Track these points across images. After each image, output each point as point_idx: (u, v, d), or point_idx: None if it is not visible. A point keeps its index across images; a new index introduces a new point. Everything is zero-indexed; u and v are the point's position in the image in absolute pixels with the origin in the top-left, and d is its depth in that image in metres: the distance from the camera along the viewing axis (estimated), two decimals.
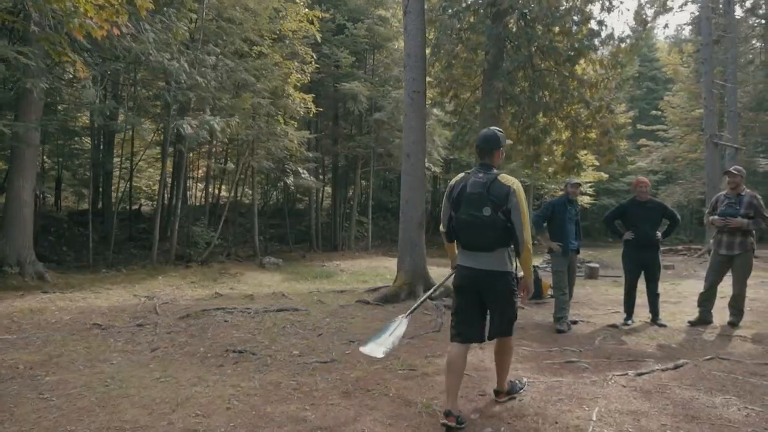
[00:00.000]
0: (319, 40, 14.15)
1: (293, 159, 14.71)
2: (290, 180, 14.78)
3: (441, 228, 3.71)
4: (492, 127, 3.78)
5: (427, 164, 18.09)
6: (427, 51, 9.67)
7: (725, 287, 7.01)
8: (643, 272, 6.94)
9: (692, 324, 6.76)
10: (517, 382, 4.08)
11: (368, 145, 17.79)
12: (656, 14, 16.19)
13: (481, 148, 3.60)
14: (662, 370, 4.69)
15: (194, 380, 4.42)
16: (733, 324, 6.66)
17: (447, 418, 3.35)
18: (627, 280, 7.05)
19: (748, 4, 25.32)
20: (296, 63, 13.62)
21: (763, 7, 26.56)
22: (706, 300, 6.86)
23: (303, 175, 14.73)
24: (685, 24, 24.50)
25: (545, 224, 6.98)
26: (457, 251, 3.69)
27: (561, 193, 7.65)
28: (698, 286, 11.51)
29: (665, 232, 6.92)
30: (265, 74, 12.38)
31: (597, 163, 17.21)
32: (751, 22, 26.63)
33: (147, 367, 4.87)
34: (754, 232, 6.63)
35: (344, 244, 19.33)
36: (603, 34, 9.53)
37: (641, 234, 6.79)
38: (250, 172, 16.27)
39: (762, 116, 24.69)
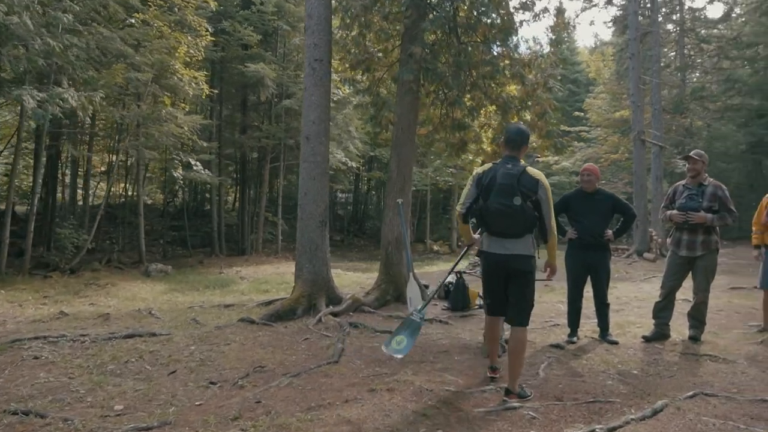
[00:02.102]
0: (214, 7, 12.23)
1: (184, 149, 12.67)
2: (178, 173, 12.64)
3: (458, 208, 3.99)
4: (521, 124, 4.18)
5: (342, 158, 16.53)
6: (335, 23, 8.11)
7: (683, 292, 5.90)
8: (589, 277, 5.69)
9: (647, 339, 5.56)
10: (525, 388, 3.93)
11: (277, 137, 15.78)
12: (582, 9, 15.40)
13: (513, 140, 3.84)
14: (639, 420, 3.32)
15: None
16: (695, 339, 5.51)
17: (494, 372, 4.20)
18: (571, 288, 5.75)
19: (665, 10, 25.71)
20: (189, 37, 11.62)
21: (678, 13, 27.15)
22: (663, 310, 5.69)
23: (195, 168, 12.67)
24: (609, 21, 24.31)
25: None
26: (479, 237, 4.02)
27: None
28: (635, 289, 10.79)
29: (618, 230, 5.69)
30: (147, 45, 10.36)
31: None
32: (668, 28, 27.12)
33: None
34: (718, 229, 5.52)
35: (252, 248, 17.33)
36: (536, 8, 8.34)
37: (587, 231, 5.52)
38: (142, 166, 13.98)
39: (678, 118, 24.98)
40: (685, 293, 5.88)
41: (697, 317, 5.59)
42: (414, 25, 7.23)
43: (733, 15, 25.87)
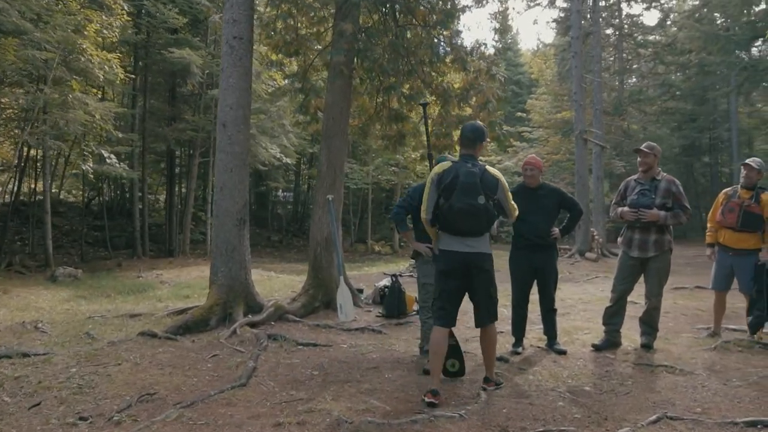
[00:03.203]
0: None
1: (96, 140, 11.43)
2: (87, 166, 11.36)
3: (423, 216, 3.85)
4: (477, 122, 4.11)
5: (277, 153, 15.60)
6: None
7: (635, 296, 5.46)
8: (535, 281, 5.15)
9: (598, 348, 5.06)
10: (499, 376, 4.09)
11: (206, 129, 14.57)
12: (526, 8, 15.16)
13: (468, 138, 3.84)
14: None
15: None
16: (647, 346, 5.06)
17: (434, 397, 3.54)
18: (516, 293, 5.17)
19: (605, 14, 26.09)
20: (103, 16, 10.44)
21: (617, 18, 27.65)
22: (614, 316, 5.21)
23: (109, 161, 11.46)
24: (552, 21, 24.41)
25: (410, 219, 4.96)
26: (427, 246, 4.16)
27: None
28: (580, 290, 10.45)
29: (565, 227, 5.20)
30: (49, 21, 9.17)
31: None
32: (608, 32, 27.58)
33: None
34: (671, 227, 5.08)
35: (180, 250, 16.10)
36: None
37: (532, 230, 4.96)
38: (48, 158, 12.57)
39: (617, 120, 25.39)
40: (634, 295, 5.43)
41: (650, 323, 5.14)
42: (346, 1, 6.52)
43: (668, 22, 26.57)
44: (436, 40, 7.40)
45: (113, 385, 4.08)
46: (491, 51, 7.52)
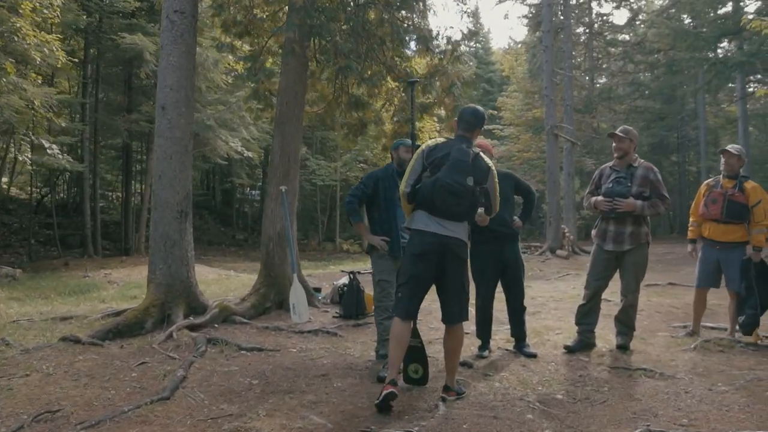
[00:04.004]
0: None
1: (36, 128, 10.61)
2: (24, 157, 10.52)
3: (402, 188, 3.44)
4: (476, 106, 3.68)
5: (239, 147, 14.92)
6: None
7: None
8: (501, 277, 4.67)
9: (570, 350, 4.63)
10: (462, 384, 3.64)
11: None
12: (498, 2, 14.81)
13: (467, 122, 3.53)
14: None
15: None
16: (624, 347, 4.65)
17: (393, 387, 3.18)
18: (481, 290, 4.69)
19: (575, 12, 26.01)
20: None
21: (588, 17, 27.65)
22: (588, 315, 4.79)
23: (50, 151, 10.65)
24: (523, 16, 24.25)
25: (367, 210, 4.49)
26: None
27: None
28: (551, 288, 10.08)
29: (524, 213, 4.82)
30: None
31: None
32: (578, 31, 27.54)
33: None
34: (649, 218, 4.69)
35: (135, 248, 15.27)
36: None
37: (494, 219, 4.40)
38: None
39: (588, 118, 25.34)
40: (607, 292, 5.03)
41: (626, 322, 4.73)
42: None
43: (637, 22, 26.67)
44: (399, 21, 6.91)
45: (12, 401, 3.48)
46: (458, 35, 7.00)
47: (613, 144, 4.77)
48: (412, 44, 7.01)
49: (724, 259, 4.94)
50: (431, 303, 4.08)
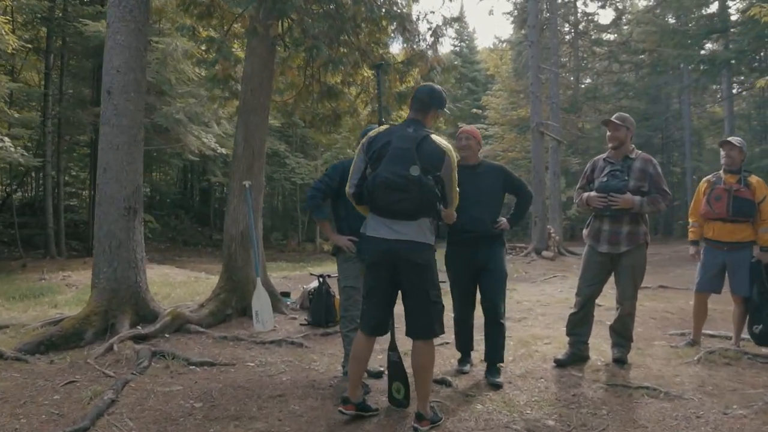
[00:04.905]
0: None
1: None
2: None
3: (347, 189, 3.11)
4: (434, 85, 3.28)
5: (212, 142, 14.24)
6: None
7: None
8: (479, 282, 3.98)
9: (561, 364, 4.12)
10: (437, 408, 3.12)
11: None
12: None
13: (421, 101, 3.08)
14: None
15: None
16: (621, 361, 4.16)
17: (345, 407, 3.06)
18: (459, 299, 4.10)
19: (561, 11, 25.72)
20: None
21: (573, 16, 27.40)
22: (580, 325, 4.28)
23: (2, 145, 9.89)
24: (508, 12, 23.92)
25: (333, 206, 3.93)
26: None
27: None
28: (537, 291, 9.57)
29: (514, 215, 4.13)
30: None
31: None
32: (564, 29, 27.28)
33: None
34: (647, 217, 4.21)
35: None
36: None
37: (472, 219, 3.78)
38: None
39: (573, 117, 25.07)
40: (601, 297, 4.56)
41: (623, 333, 4.25)
42: None
43: (623, 21, 26.48)
44: (376, 4, 6.37)
45: None
46: (439, 19, 6.48)
47: (608, 133, 4.28)
48: (390, 29, 6.45)
49: (731, 261, 4.48)
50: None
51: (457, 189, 3.11)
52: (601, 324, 4.93)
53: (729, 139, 4.71)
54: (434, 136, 3.00)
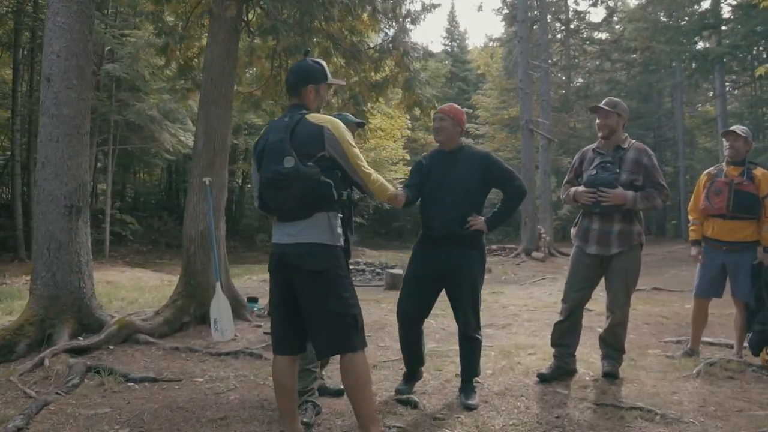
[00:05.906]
0: None
1: None
2: None
3: (255, 203, 2.84)
4: (309, 59, 2.75)
5: (187, 140, 13.73)
6: None
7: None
8: (445, 290, 3.41)
9: (545, 379, 3.68)
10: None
11: (100, 112, 12.25)
12: None
13: (288, 82, 2.75)
14: None
15: None
16: (611, 375, 3.72)
17: None
18: (401, 302, 3.46)
19: (552, 9, 25.41)
20: None
21: (564, 14, 27.10)
22: (567, 335, 3.83)
23: None
24: (498, 9, 23.58)
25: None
26: None
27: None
28: (525, 294, 9.10)
29: (498, 213, 3.44)
30: None
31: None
32: (554, 27, 26.98)
33: None
34: (642, 214, 3.78)
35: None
36: None
37: (439, 215, 3.29)
38: None
39: (564, 116, 24.76)
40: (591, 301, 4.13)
41: (613, 345, 3.81)
42: None
43: (614, 19, 26.23)
44: None
45: None
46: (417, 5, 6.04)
47: (597, 120, 3.85)
48: (365, 16, 6.01)
49: (731, 262, 4.06)
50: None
51: (363, 164, 2.60)
52: (591, 331, 4.54)
53: (733, 128, 4.30)
54: (311, 115, 2.58)
